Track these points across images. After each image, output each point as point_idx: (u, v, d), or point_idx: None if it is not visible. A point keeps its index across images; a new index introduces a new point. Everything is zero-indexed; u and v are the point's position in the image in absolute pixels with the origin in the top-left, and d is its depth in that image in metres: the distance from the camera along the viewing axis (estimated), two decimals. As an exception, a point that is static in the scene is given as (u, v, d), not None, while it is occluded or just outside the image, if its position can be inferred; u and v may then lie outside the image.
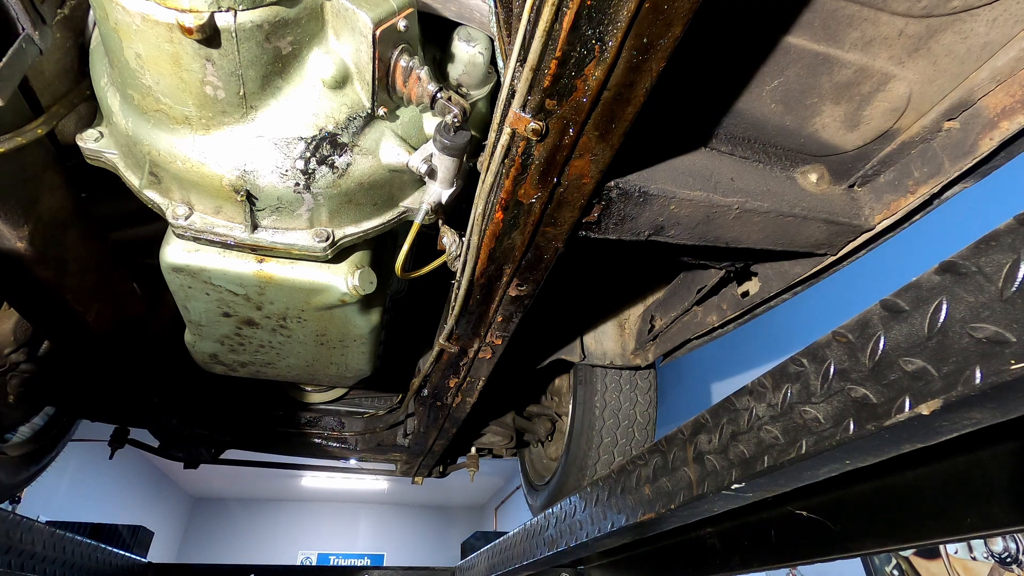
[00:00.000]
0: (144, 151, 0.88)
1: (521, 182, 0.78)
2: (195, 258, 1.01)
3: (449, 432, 1.83)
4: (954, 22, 0.78)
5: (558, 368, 2.29)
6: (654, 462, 1.09)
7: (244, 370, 1.48)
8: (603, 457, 2.05)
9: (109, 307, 1.28)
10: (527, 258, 0.95)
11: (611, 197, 0.88)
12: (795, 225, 1.00)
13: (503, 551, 2.08)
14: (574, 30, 0.56)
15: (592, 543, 1.32)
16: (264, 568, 2.57)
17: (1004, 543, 2.33)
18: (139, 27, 0.71)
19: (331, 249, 0.98)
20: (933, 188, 0.93)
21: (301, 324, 1.21)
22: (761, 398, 0.83)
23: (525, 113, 0.67)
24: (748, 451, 0.82)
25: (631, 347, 1.93)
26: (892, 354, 0.61)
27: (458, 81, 0.93)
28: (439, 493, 10.67)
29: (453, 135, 0.84)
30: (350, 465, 2.80)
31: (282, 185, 0.88)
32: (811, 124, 0.94)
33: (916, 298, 0.59)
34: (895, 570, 2.80)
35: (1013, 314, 0.49)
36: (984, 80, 0.83)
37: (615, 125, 0.70)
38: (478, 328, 1.21)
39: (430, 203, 0.95)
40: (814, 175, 1.02)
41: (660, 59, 0.62)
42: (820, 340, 0.72)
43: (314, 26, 0.79)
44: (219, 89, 0.78)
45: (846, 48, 0.81)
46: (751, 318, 1.49)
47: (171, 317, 1.49)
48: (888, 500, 0.99)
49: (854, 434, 0.63)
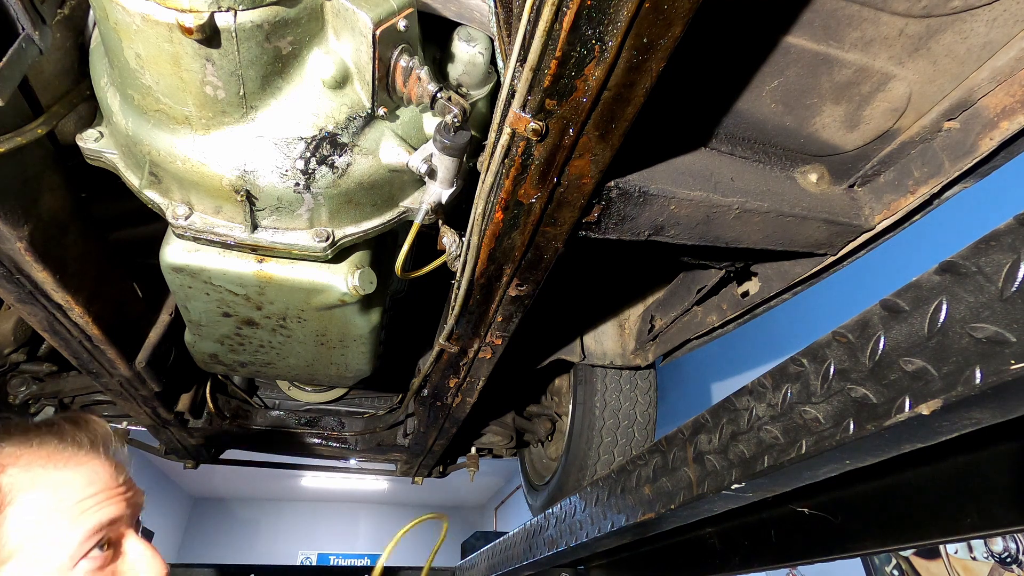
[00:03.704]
0: (144, 151, 0.88)
1: (521, 182, 0.78)
2: (195, 258, 1.01)
3: (449, 432, 1.83)
4: (954, 22, 0.78)
5: (558, 368, 2.29)
6: (654, 462, 1.09)
7: (244, 370, 1.48)
8: (603, 457, 2.05)
9: (109, 307, 1.28)
10: (527, 258, 0.95)
11: (611, 197, 0.88)
12: (795, 225, 1.00)
13: (503, 551, 2.08)
14: (574, 30, 0.56)
15: (592, 543, 1.32)
16: (264, 568, 2.56)
17: (1004, 543, 2.33)
18: (139, 27, 0.71)
19: (331, 249, 0.98)
20: (933, 188, 0.93)
21: (301, 324, 1.21)
22: (761, 398, 0.83)
23: (525, 113, 0.67)
24: (748, 451, 0.82)
25: (631, 347, 1.93)
26: (892, 354, 0.61)
27: (458, 81, 0.93)
28: (439, 493, 10.66)
29: (453, 135, 0.84)
30: (350, 465, 2.81)
31: (282, 185, 0.88)
32: (811, 124, 0.94)
33: (916, 298, 0.59)
34: (895, 570, 2.80)
35: (1013, 314, 0.49)
36: (984, 80, 0.83)
37: (615, 125, 0.70)
38: (478, 328, 1.21)
39: (430, 203, 0.95)
40: (814, 175, 1.02)
41: (660, 59, 0.62)
42: (820, 340, 0.72)
43: (314, 26, 0.79)
44: (219, 89, 0.78)
45: (846, 48, 0.81)
46: (751, 318, 1.49)
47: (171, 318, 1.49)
48: (888, 500, 0.99)
49: (854, 434, 0.63)
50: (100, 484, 0.74)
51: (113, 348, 1.34)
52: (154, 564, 0.76)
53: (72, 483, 0.72)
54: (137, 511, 0.80)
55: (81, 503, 0.71)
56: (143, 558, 0.76)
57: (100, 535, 0.71)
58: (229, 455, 2.47)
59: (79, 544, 0.69)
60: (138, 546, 0.77)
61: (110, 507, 0.73)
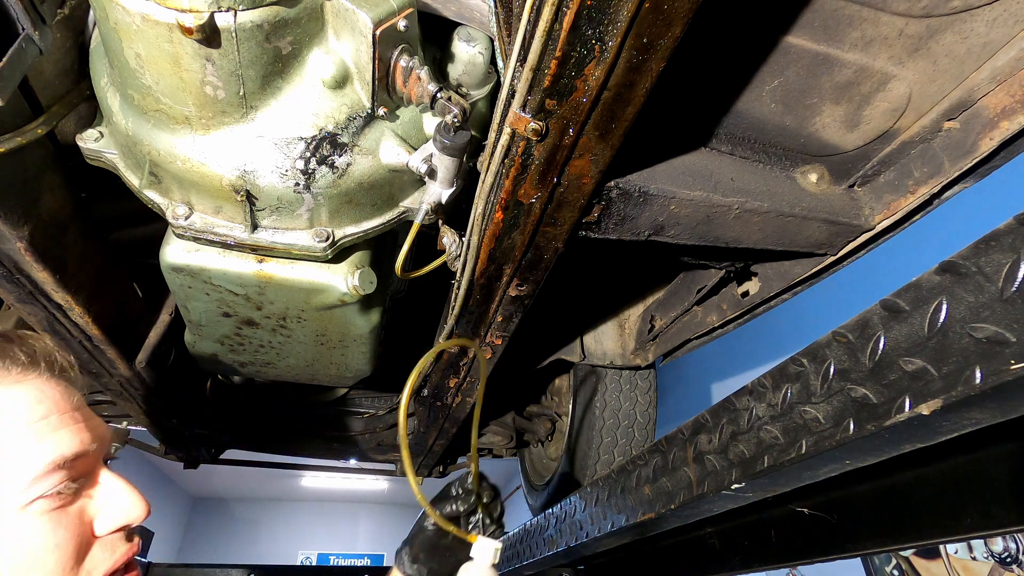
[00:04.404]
0: (144, 151, 0.88)
1: (521, 182, 0.78)
2: (195, 258, 1.01)
3: (449, 432, 1.83)
4: (954, 22, 0.78)
5: (558, 368, 2.29)
6: (654, 462, 1.09)
7: (244, 370, 1.48)
8: (603, 457, 2.05)
9: (109, 307, 1.28)
10: (527, 258, 0.95)
11: (611, 197, 0.88)
12: (795, 225, 1.00)
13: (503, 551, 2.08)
14: (574, 30, 0.56)
15: (592, 543, 1.32)
16: (264, 568, 2.56)
17: (1004, 543, 2.33)
18: (139, 27, 0.71)
19: (331, 249, 0.98)
20: (933, 188, 0.93)
21: (301, 324, 1.21)
22: (761, 398, 0.83)
23: (525, 113, 0.67)
24: (748, 451, 0.82)
25: (631, 347, 1.93)
26: (892, 354, 0.61)
27: (458, 81, 0.93)
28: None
29: (453, 135, 0.84)
30: (350, 465, 2.81)
31: (282, 185, 0.88)
32: (811, 124, 0.94)
33: (916, 298, 0.59)
34: (895, 570, 2.80)
35: (1013, 314, 0.49)
36: (984, 80, 0.83)
37: (615, 125, 0.70)
38: (478, 328, 1.21)
39: (430, 203, 0.95)
40: (814, 175, 1.02)
41: (660, 59, 0.62)
42: (820, 340, 0.72)
43: (314, 26, 0.79)
44: (219, 89, 0.78)
45: (846, 48, 0.81)
46: (751, 318, 1.49)
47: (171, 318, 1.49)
48: (888, 500, 0.99)
49: (854, 434, 0.63)
50: (50, 404, 0.60)
51: (113, 348, 1.34)
52: (133, 501, 0.63)
53: (15, 404, 0.58)
54: (104, 444, 0.66)
55: (32, 427, 0.57)
56: (119, 494, 0.63)
57: (62, 468, 0.57)
58: (229, 455, 2.47)
59: (35, 479, 0.55)
60: (113, 481, 0.63)
61: (69, 433, 0.59)
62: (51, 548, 0.56)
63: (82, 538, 0.59)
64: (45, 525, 0.56)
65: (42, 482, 0.56)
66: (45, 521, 0.56)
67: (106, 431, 0.66)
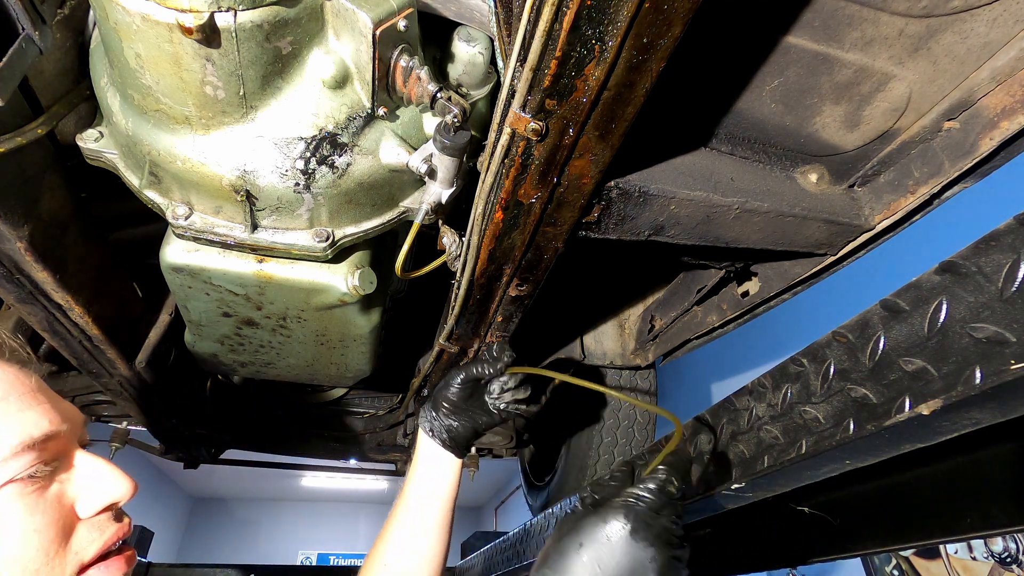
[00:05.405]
0: (144, 151, 0.88)
1: (521, 182, 0.78)
2: (195, 258, 1.02)
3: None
4: (954, 22, 0.78)
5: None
6: (654, 462, 1.08)
7: (244, 370, 1.48)
8: (603, 457, 2.05)
9: (109, 307, 1.28)
10: (527, 258, 0.95)
11: (611, 197, 0.88)
12: (795, 225, 1.00)
13: (503, 551, 2.08)
14: (574, 30, 0.56)
15: (592, 543, 1.31)
16: (264, 568, 2.56)
17: (1004, 543, 2.33)
18: (139, 27, 0.71)
19: (331, 249, 0.98)
20: (933, 188, 0.93)
21: (301, 324, 1.21)
22: (761, 398, 0.83)
23: (525, 113, 0.67)
24: (748, 451, 0.82)
25: (631, 347, 1.93)
26: (892, 354, 0.61)
27: (458, 81, 0.93)
28: (439, 493, 10.66)
29: (453, 135, 0.84)
30: (350, 465, 2.81)
31: (282, 185, 0.88)
32: (811, 124, 0.94)
33: (916, 298, 0.59)
34: (895, 570, 2.80)
35: (1013, 314, 0.49)
36: (984, 80, 0.83)
37: (615, 125, 0.70)
38: (478, 328, 1.21)
39: (430, 203, 0.95)
40: (814, 175, 1.02)
41: (660, 59, 0.62)
42: (820, 340, 0.72)
43: (314, 26, 0.79)
44: (219, 89, 0.78)
45: (846, 48, 0.81)
46: (751, 318, 1.49)
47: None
48: (888, 500, 0.99)
49: (854, 434, 0.63)
50: (6, 386, 0.57)
51: (113, 348, 1.34)
52: (115, 479, 0.61)
53: None
54: (76, 427, 0.63)
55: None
56: (99, 475, 0.61)
57: (32, 450, 0.55)
58: (229, 455, 2.48)
59: (2, 461, 0.53)
60: (91, 462, 0.61)
61: (34, 415, 0.57)
62: (29, 533, 0.54)
63: (64, 521, 0.57)
64: (21, 510, 0.54)
65: (10, 464, 0.54)
66: (21, 506, 0.54)
67: (76, 414, 0.64)
